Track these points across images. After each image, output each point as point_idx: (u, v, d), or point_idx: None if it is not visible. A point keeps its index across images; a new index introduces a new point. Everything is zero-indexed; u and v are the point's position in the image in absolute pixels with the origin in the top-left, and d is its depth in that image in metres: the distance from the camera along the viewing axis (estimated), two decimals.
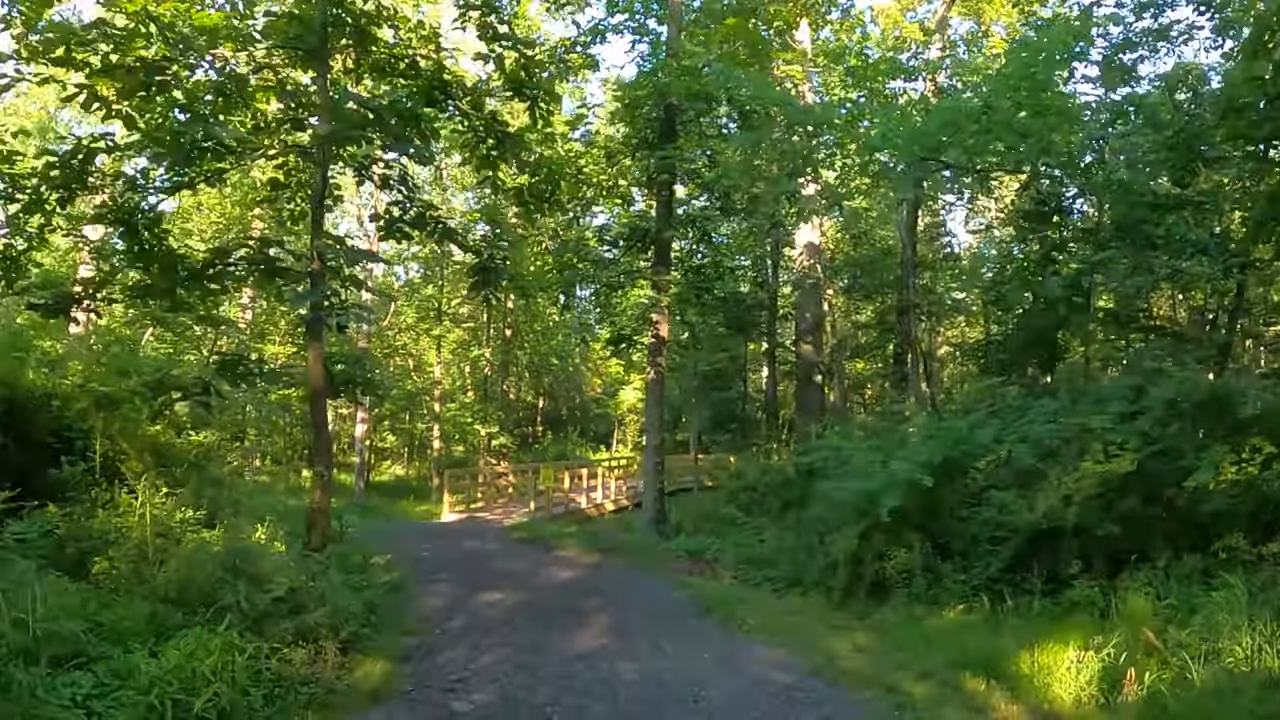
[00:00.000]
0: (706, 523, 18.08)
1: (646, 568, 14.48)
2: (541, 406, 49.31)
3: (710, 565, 14.98)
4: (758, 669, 8.05)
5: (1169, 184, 16.98)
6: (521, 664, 7.78)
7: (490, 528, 20.60)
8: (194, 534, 7.68)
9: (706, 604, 11.24)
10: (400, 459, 43.52)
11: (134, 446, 11.91)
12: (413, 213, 11.62)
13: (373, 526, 19.87)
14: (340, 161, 11.32)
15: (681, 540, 16.80)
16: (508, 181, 12.80)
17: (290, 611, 6.69)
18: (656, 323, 18.23)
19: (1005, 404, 14.05)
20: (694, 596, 11.79)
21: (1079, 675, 7.71)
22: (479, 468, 31.64)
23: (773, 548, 14.34)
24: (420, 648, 8.16)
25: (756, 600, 11.63)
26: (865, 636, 9.63)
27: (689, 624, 10.03)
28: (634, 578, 13.38)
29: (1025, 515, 10.80)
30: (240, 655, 5.92)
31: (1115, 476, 10.45)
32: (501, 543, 17.30)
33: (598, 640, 8.93)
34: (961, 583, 10.79)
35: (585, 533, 19.10)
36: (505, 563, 14.38)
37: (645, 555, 15.65)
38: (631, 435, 57.85)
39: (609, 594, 11.74)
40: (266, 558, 7.05)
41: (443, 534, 19.12)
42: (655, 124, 18.99)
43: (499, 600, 10.93)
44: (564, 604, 10.82)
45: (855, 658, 8.65)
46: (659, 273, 17.85)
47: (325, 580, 7.54)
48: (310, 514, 9.69)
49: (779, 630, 9.70)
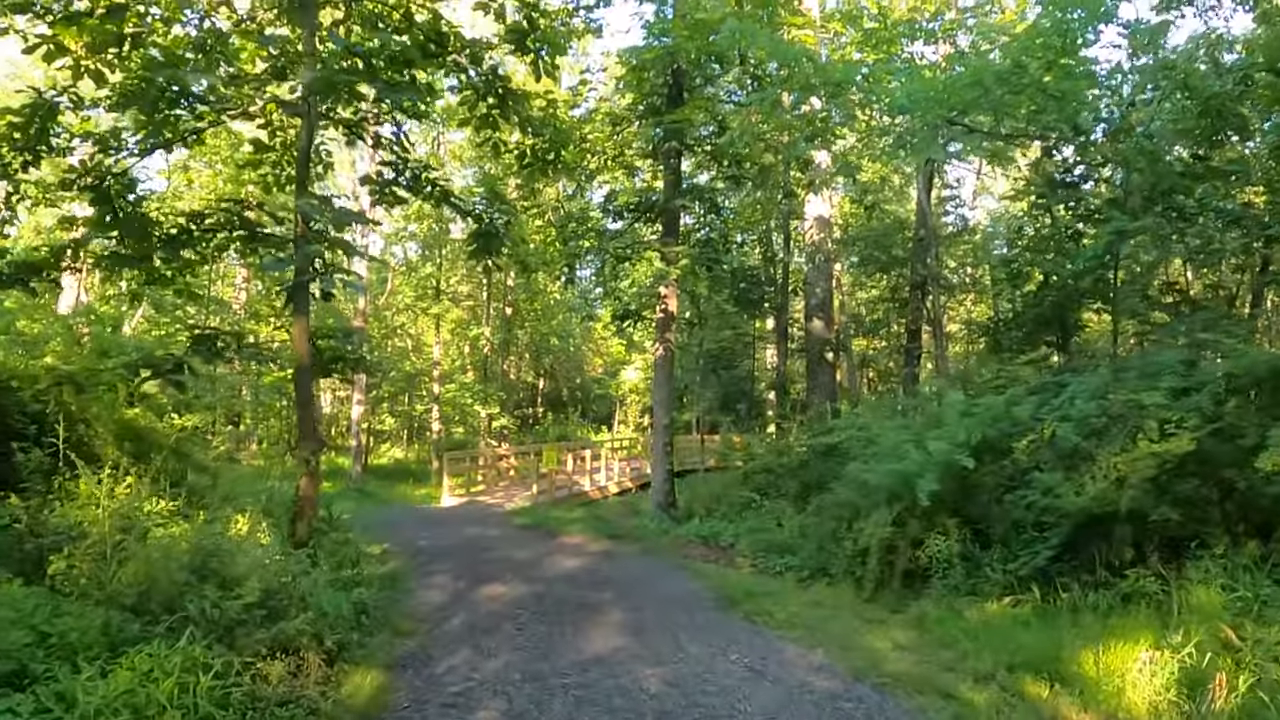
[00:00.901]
0: (718, 506, 17.21)
1: (658, 555, 13.65)
2: (542, 387, 48.55)
3: (726, 552, 14.14)
4: (795, 673, 7.20)
5: (1190, 154, 16.32)
6: (530, 672, 6.93)
7: (491, 512, 19.79)
8: (162, 529, 6.79)
9: (727, 596, 10.42)
10: (400, 442, 42.69)
11: (110, 431, 11.11)
12: (407, 174, 10.69)
13: (369, 512, 19.08)
14: (328, 121, 10.39)
15: (694, 525, 15.94)
16: (509, 144, 11.87)
17: (266, 619, 5.82)
18: (664, 297, 17.33)
19: (1042, 380, 13.17)
20: (713, 587, 10.96)
21: (1153, 679, 6.90)
22: (479, 450, 30.82)
23: (792, 533, 13.47)
24: (417, 653, 7.30)
25: (780, 591, 10.79)
26: (904, 633, 8.80)
27: (711, 619, 9.18)
28: (646, 566, 12.55)
29: (1074, 499, 9.95)
30: (204, 674, 5.07)
31: (1173, 457, 9.61)
32: (503, 529, 16.48)
33: (614, 640, 8.09)
34: (1005, 572, 9.96)
35: (591, 517, 18.29)
36: (508, 551, 13.56)
37: (656, 541, 14.82)
38: (633, 416, 57.24)
39: (621, 585, 10.91)
40: (241, 555, 6.16)
41: (442, 520, 18.30)
42: (662, 90, 18.06)
43: (503, 594, 10.10)
44: (574, 597, 9.98)
45: (899, 658, 7.82)
46: (667, 244, 16.93)
47: (309, 580, 6.67)
48: (296, 503, 8.84)
49: (810, 626, 8.87)
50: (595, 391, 55.17)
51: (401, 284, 38.09)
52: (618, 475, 29.10)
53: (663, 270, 16.04)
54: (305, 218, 8.49)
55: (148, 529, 6.74)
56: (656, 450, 18.07)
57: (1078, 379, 12.28)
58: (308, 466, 8.76)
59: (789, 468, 15.87)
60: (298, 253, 8.48)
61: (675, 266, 16.31)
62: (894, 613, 9.73)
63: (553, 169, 11.76)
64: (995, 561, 10.12)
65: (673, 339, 17.83)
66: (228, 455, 14.00)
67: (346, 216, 9.22)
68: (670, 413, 17.83)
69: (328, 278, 8.27)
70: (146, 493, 8.21)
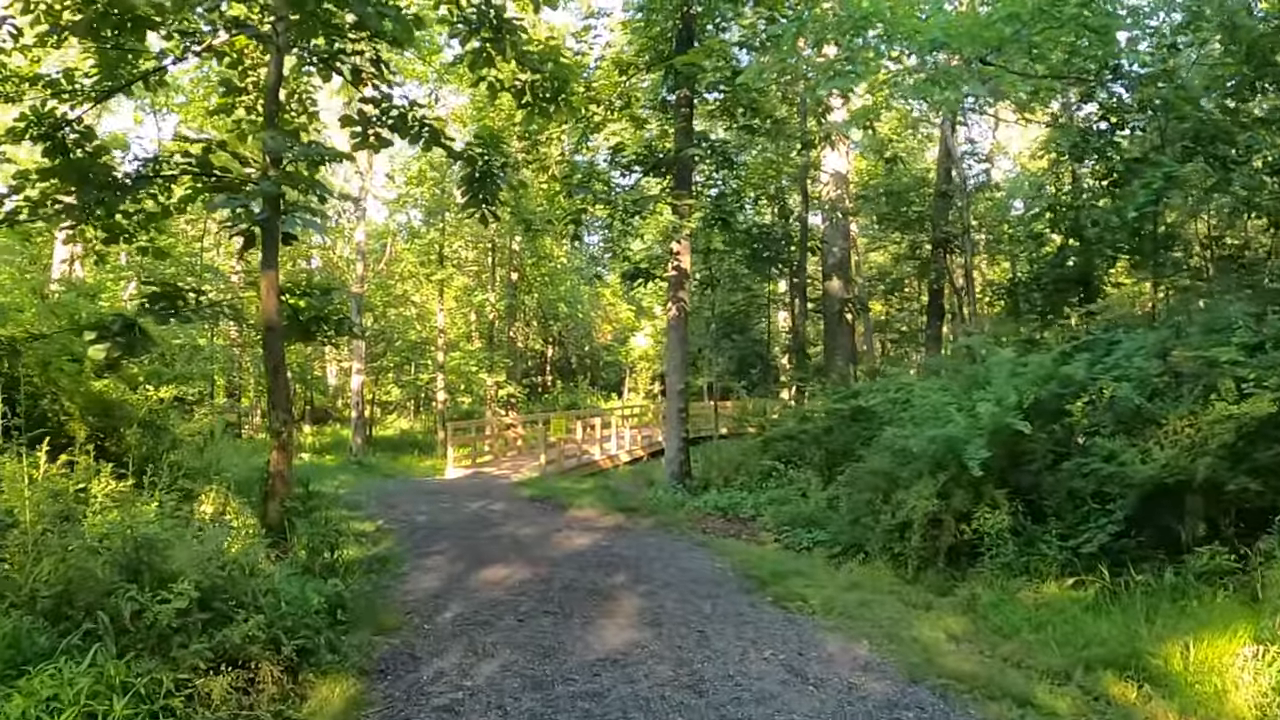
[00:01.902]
0: (737, 475, 16.20)
1: (675, 529, 12.64)
2: (551, 355, 47.61)
3: (747, 525, 13.15)
4: (840, 673, 6.18)
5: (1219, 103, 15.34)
6: (532, 677, 5.91)
7: (497, 484, 18.84)
8: (101, 515, 5.78)
9: (753, 576, 9.42)
10: (406, 412, 41.79)
11: (75, 405, 10.14)
12: (394, 115, 9.59)
13: (369, 486, 18.18)
14: (301, 53, 9.28)
15: (712, 496, 14.93)
16: (507, 82, 10.73)
17: (210, 623, 4.82)
18: (677, 253, 16.22)
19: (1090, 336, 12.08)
20: (736, 566, 9.97)
21: (1258, 679, 5.88)
22: (486, 419, 29.86)
23: (819, 505, 12.46)
24: (401, 655, 6.29)
25: (811, 570, 9.76)
26: (956, 620, 7.78)
27: (738, 605, 8.18)
28: (663, 543, 11.54)
29: (1140, 467, 8.90)
30: (121, 697, 4.08)
31: (1251, 420, 8.56)
32: (509, 502, 15.49)
33: (628, 633, 7.08)
34: (1063, 549, 8.95)
35: (601, 488, 17.28)
36: (513, 527, 12.58)
37: (672, 514, 13.79)
38: (643, 383, 56.39)
39: (636, 565, 9.90)
40: (182, 546, 5.15)
41: (445, 492, 17.34)
42: (672, 35, 16.87)
43: (505, 578, 9.09)
44: (583, 581, 8.97)
45: (957, 653, 6.80)
46: (680, 196, 15.80)
47: (268, 572, 5.64)
48: (267, 482, 7.84)
49: (849, 613, 7.85)
50: (605, 359, 54.33)
51: (404, 250, 37.00)
52: (629, 443, 28.22)
53: (675, 223, 14.88)
54: (272, 155, 7.42)
55: (84, 515, 5.75)
56: (670, 417, 17.02)
57: (1129, 335, 11.22)
58: (278, 439, 7.75)
59: (812, 434, 14.83)
60: (264, 197, 7.42)
61: (688, 220, 15.17)
62: (941, 595, 8.72)
63: (555, 109, 10.63)
64: (1051, 537, 9.11)
65: (686, 299, 16.73)
66: (223, 429, 12.98)
67: (318, 152, 8.14)
68: (685, 377, 16.76)
69: (287, 218, 7.20)
70: (106, 472, 7.27)
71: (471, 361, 33.06)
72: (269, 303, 7.83)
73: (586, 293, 47.56)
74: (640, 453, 28.03)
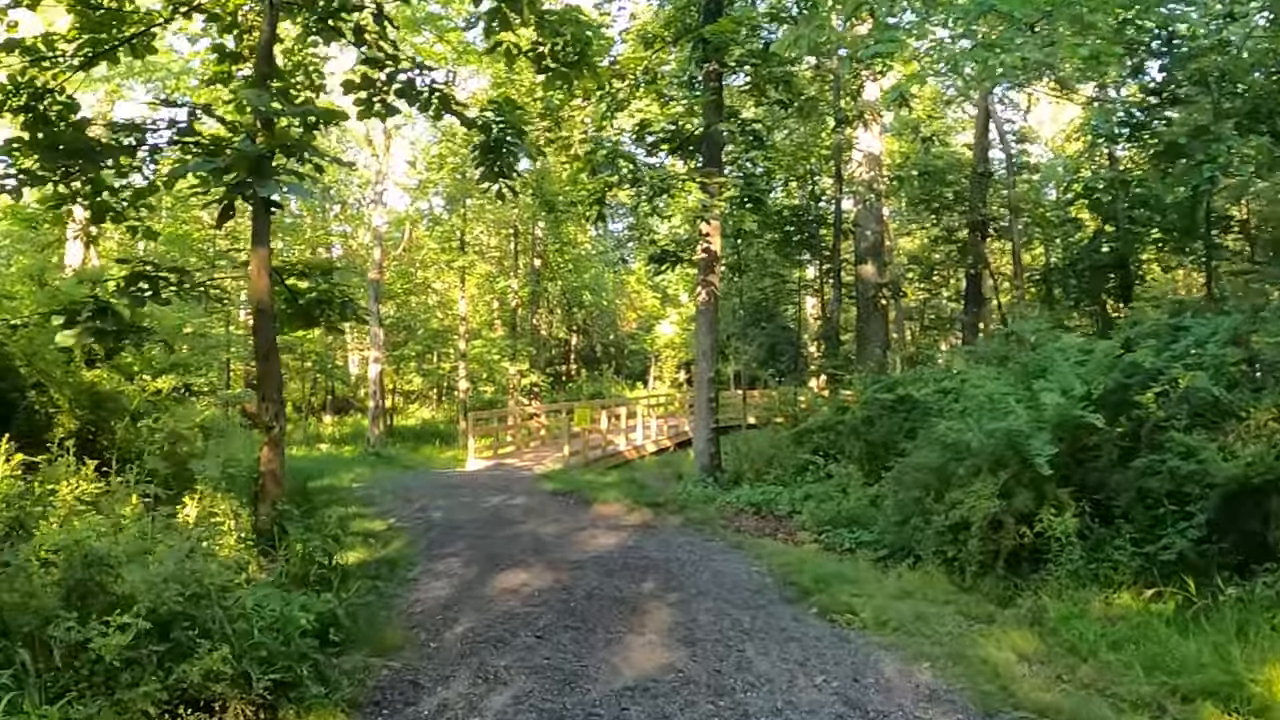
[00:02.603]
0: (769, 468, 15.38)
1: (706, 528, 11.85)
2: (575, 344, 46.93)
3: (783, 523, 12.35)
4: (903, 704, 5.38)
5: None
6: (550, 710, 5.13)
7: (519, 477, 18.10)
8: (59, 525, 5.06)
9: (795, 582, 8.62)
10: (430, 402, 41.22)
11: (64, 396, 9.49)
12: (401, 79, 8.82)
13: (386, 478, 17.53)
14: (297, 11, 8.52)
15: (744, 491, 14.12)
16: (526, 45, 9.93)
17: (166, 657, 4.09)
18: (706, 234, 15.39)
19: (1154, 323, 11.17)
20: (775, 570, 9.17)
21: None
22: (509, 409, 29.16)
23: (861, 502, 11.63)
24: (401, 681, 5.52)
25: (856, 575, 8.94)
26: (1024, 636, 6.94)
27: (781, 617, 7.39)
28: (694, 543, 10.75)
29: (1222, 465, 8.04)
30: None
31: None
32: (531, 496, 14.74)
33: (660, 654, 6.30)
34: (1137, 554, 8.11)
35: (627, 481, 16.50)
36: (534, 524, 11.84)
37: (702, 510, 13.00)
38: (668, 372, 55.69)
39: (666, 569, 9.12)
40: (137, 564, 4.41)
41: (465, 486, 16.59)
42: (699, 7, 16.04)
43: (522, 584, 8.34)
44: (608, 588, 8.21)
45: (1031, 677, 5.98)
46: (709, 174, 14.95)
47: (242, 592, 4.89)
48: (258, 482, 7.11)
49: (905, 627, 7.03)
50: (629, 347, 53.60)
51: (425, 237, 36.33)
52: (655, 434, 27.48)
53: (706, 202, 14.03)
54: (261, 117, 6.67)
55: (37, 524, 5.03)
56: (699, 407, 16.19)
57: (1198, 320, 10.31)
58: (269, 434, 7.02)
59: (850, 425, 13.98)
60: (256, 163, 6.66)
61: (719, 199, 14.32)
62: (1002, 606, 7.88)
63: (577, 74, 9.82)
64: (1123, 542, 8.27)
65: (716, 283, 15.90)
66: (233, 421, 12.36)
67: (310, 111, 7.39)
68: (715, 365, 15.91)
69: (268, 182, 6.44)
70: (89, 470, 6.59)
71: (494, 349, 32.38)
72: (259, 282, 7.11)
73: (611, 280, 46.83)
74: (666, 443, 27.29)
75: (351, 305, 9.27)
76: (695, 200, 14.38)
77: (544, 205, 18.50)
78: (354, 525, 11.40)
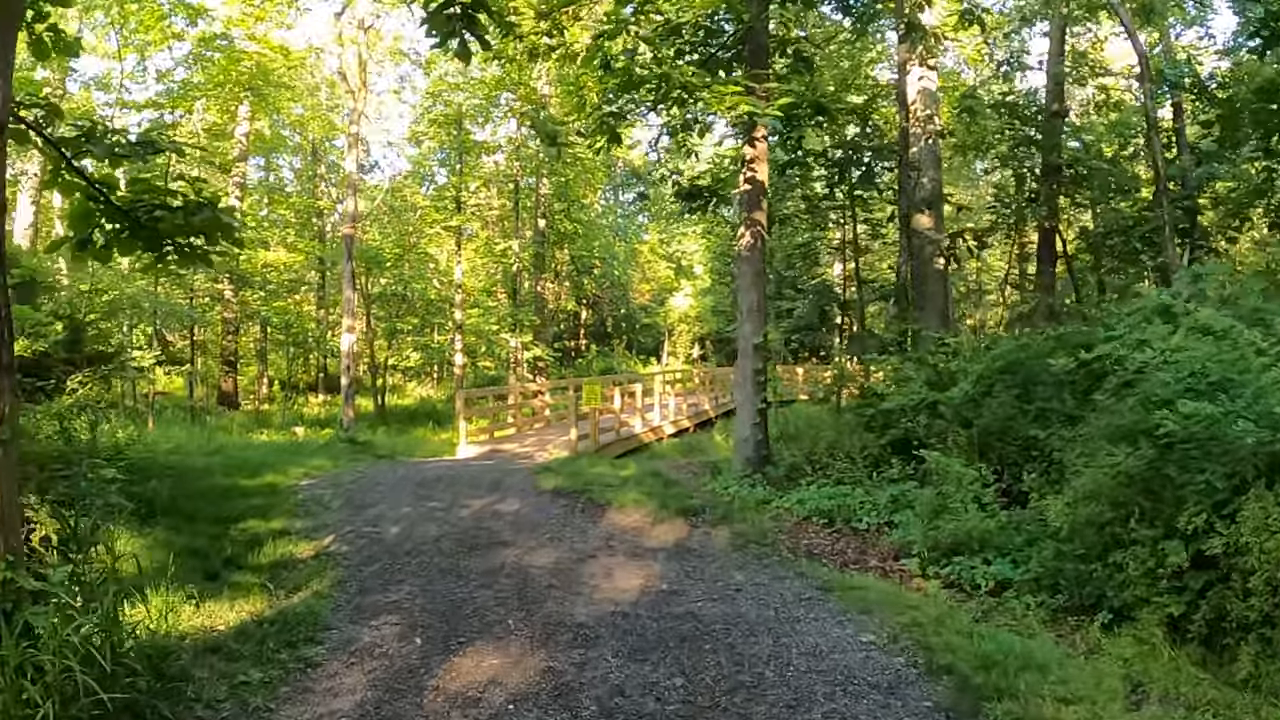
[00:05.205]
0: (831, 460, 11.87)
1: (767, 551, 8.36)
2: (584, 317, 43.56)
3: (871, 544, 8.92)
4: None
5: None
6: None
7: (515, 468, 14.44)
8: None
9: (946, 667, 5.17)
10: (430, 380, 37.80)
11: None
12: None
13: (350, 472, 13.96)
14: None
15: (807, 494, 10.62)
16: None
17: None
18: (752, 159, 11.84)
19: None
20: (902, 640, 5.69)
21: None
22: (508, 387, 25.66)
23: (990, 518, 8.09)
24: None
25: (1043, 653, 5.42)
26: None
27: None
28: (760, 585, 7.20)
29: None
30: None
31: None
32: (525, 498, 11.09)
33: None
34: None
35: (649, 475, 12.75)
36: (523, 549, 8.34)
37: (754, 521, 9.53)
38: (683, 347, 52.57)
39: (729, 645, 5.62)
40: None
41: (444, 481, 12.84)
42: None
43: (490, 685, 4.88)
44: (640, 698, 4.74)
45: None
46: (757, 76, 11.39)
47: None
48: None
49: None
50: (642, 320, 50.21)
51: (416, 195, 32.80)
52: (673, 413, 24.05)
53: (755, 109, 10.38)
54: None
55: None
56: (743, 381, 12.54)
57: None
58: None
59: (951, 406, 10.44)
60: None
61: (769, 106, 10.70)
62: None
63: None
64: None
65: (764, 221, 12.30)
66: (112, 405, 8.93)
67: None
68: (763, 326, 12.29)
69: None
70: None
71: (492, 319, 28.88)
72: None
73: (622, 251, 43.40)
74: (686, 423, 23.89)
75: (227, 221, 5.72)
76: (740, 112, 10.75)
77: (545, 138, 14.92)
78: (267, 550, 8.01)
